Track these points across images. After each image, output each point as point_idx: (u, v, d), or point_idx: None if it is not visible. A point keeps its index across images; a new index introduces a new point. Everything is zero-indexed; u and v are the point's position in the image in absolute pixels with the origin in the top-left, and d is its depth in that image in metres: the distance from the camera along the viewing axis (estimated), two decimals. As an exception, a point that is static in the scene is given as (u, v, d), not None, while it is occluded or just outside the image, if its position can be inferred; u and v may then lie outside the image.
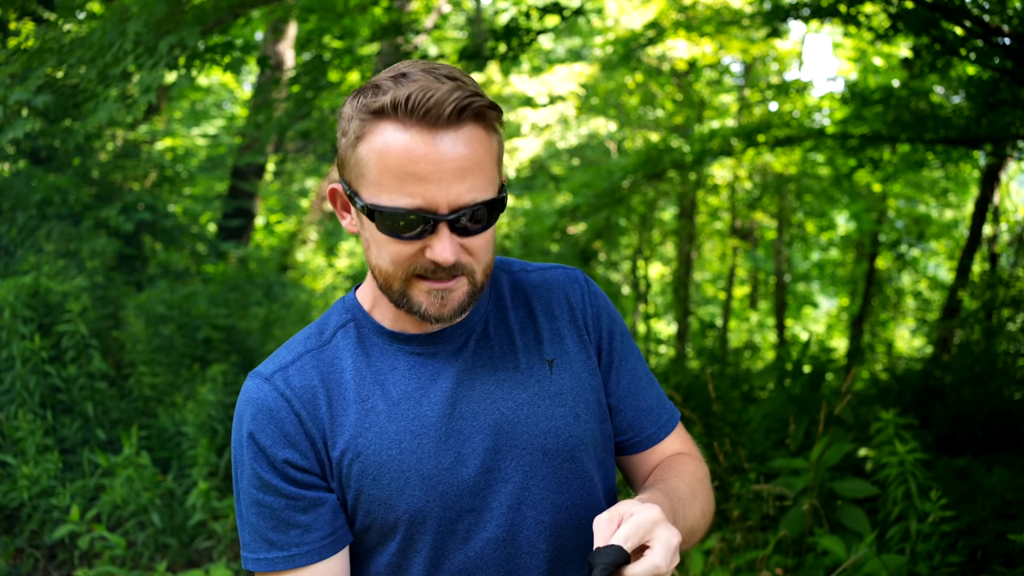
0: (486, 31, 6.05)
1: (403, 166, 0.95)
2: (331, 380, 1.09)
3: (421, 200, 0.96)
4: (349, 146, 1.00)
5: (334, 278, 9.45)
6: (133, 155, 7.99)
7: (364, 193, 0.99)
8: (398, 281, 1.03)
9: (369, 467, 1.06)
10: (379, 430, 1.07)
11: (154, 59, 3.29)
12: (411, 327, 1.12)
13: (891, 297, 11.42)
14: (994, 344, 5.97)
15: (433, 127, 0.95)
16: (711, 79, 11.18)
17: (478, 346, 1.13)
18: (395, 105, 0.95)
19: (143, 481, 3.68)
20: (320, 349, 1.11)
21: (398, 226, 0.97)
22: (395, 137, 0.95)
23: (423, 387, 1.09)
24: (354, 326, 1.13)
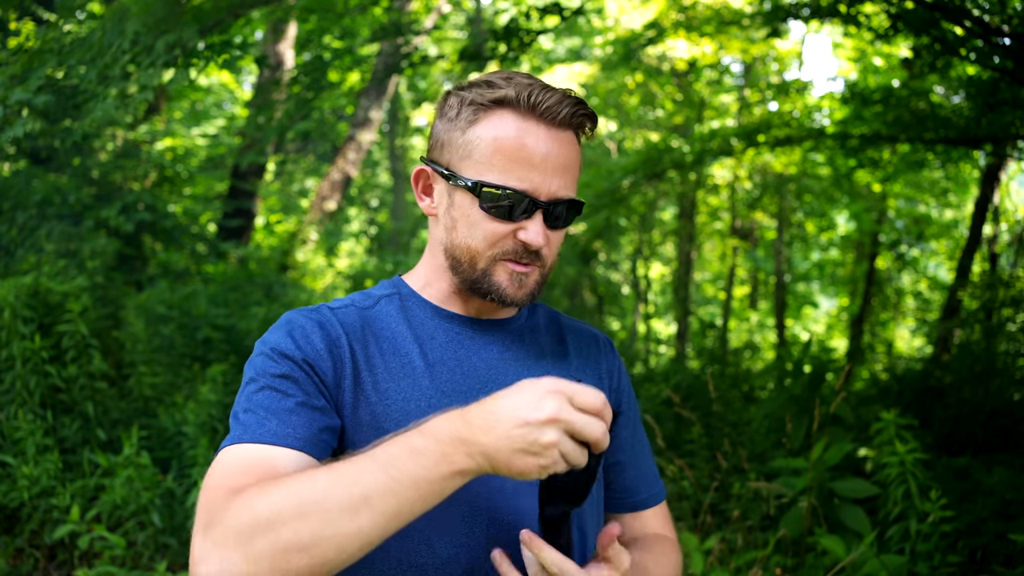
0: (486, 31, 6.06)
1: (517, 151, 1.06)
2: (371, 332, 1.13)
3: (528, 184, 1.06)
4: (456, 129, 1.10)
5: (334, 278, 9.45)
6: (133, 155, 7.99)
7: (469, 172, 1.09)
8: (484, 260, 1.10)
9: (393, 412, 1.08)
10: (413, 382, 1.10)
11: (152, 58, 3.30)
12: (458, 309, 1.18)
13: (891, 297, 11.42)
14: (994, 344, 5.97)
15: (548, 123, 1.07)
16: (711, 79, 11.17)
17: (513, 346, 1.19)
18: (518, 98, 1.06)
19: (143, 481, 3.68)
20: (364, 309, 1.17)
21: (502, 203, 1.06)
22: (513, 125, 1.07)
23: (459, 359, 1.14)
24: (398, 298, 1.19)
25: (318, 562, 0.84)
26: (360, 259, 11.55)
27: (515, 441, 0.85)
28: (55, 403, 4.21)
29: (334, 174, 10.12)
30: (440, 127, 1.14)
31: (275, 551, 0.83)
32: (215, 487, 0.92)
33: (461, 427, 0.87)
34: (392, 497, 0.85)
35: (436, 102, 1.19)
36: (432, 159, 1.15)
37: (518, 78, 1.09)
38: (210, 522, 0.87)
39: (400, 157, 15.75)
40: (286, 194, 14.76)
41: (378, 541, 0.86)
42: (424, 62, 5.97)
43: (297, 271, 9.33)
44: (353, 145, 10.08)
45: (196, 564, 0.85)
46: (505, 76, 1.09)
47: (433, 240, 1.19)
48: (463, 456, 0.86)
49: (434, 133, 1.15)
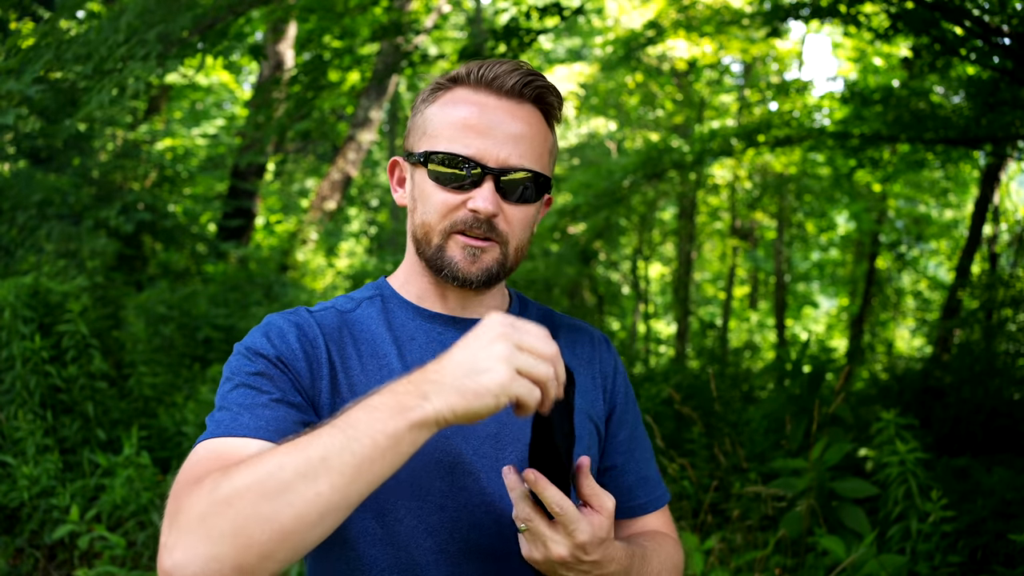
0: (486, 31, 6.05)
1: (464, 119, 1.07)
2: (349, 335, 1.13)
3: (474, 151, 1.06)
4: (417, 113, 1.13)
5: (334, 278, 9.45)
6: (133, 155, 7.99)
7: (422, 146, 1.10)
8: (437, 235, 1.09)
9: None
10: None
11: (145, 49, 3.30)
12: (438, 307, 1.17)
13: (891, 297, 11.42)
14: (994, 344, 5.97)
15: (498, 94, 1.08)
16: (711, 79, 11.17)
17: None
18: (468, 72, 1.09)
19: (143, 481, 3.68)
20: (346, 312, 1.16)
21: (448, 170, 1.07)
22: (463, 96, 1.09)
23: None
24: (380, 300, 1.18)
25: (279, 534, 0.80)
26: (360, 259, 11.55)
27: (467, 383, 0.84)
28: (55, 403, 4.21)
29: (334, 174, 10.12)
30: (411, 116, 1.16)
31: (235, 527, 0.80)
32: (182, 481, 0.90)
33: (416, 377, 0.86)
34: (349, 455, 0.81)
35: None
36: (404, 148, 1.16)
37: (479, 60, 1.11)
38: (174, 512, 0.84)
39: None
40: (286, 194, 14.75)
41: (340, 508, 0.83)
42: (424, 61, 5.97)
43: (297, 271, 9.33)
44: (353, 145, 10.08)
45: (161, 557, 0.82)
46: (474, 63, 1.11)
47: (407, 232, 1.18)
48: (418, 402, 0.83)
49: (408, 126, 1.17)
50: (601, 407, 1.23)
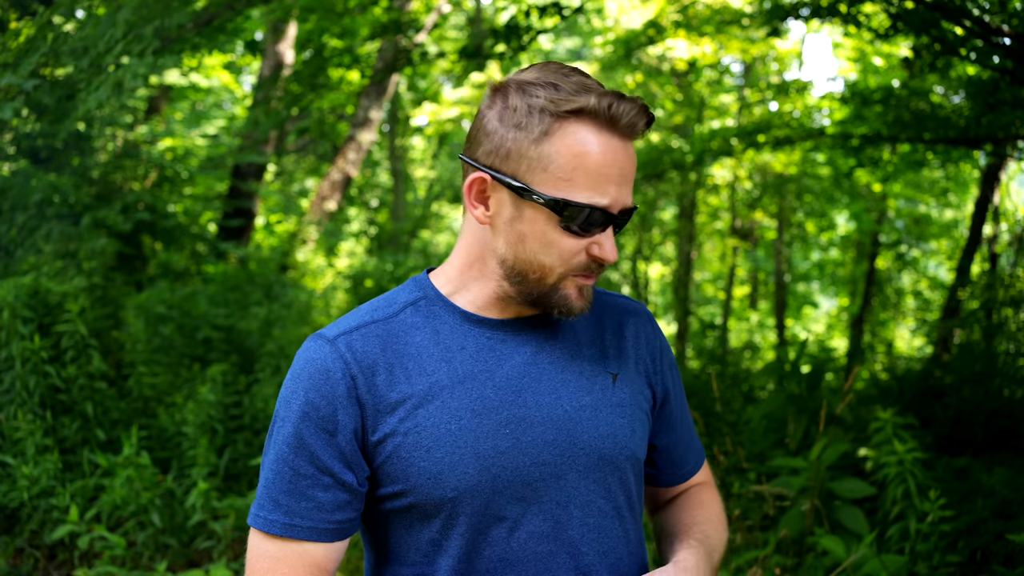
0: (486, 30, 6.06)
1: (598, 167, 1.02)
2: (395, 351, 1.09)
3: (607, 199, 1.03)
4: (527, 140, 1.03)
5: (334, 278, 9.45)
6: (133, 155, 7.99)
7: (545, 187, 1.03)
8: (555, 276, 1.06)
9: (424, 439, 1.05)
10: (440, 404, 1.06)
11: (142, 45, 3.30)
12: (491, 311, 1.13)
13: (891, 297, 11.42)
14: (994, 344, 5.97)
15: (624, 136, 1.04)
16: (711, 79, 11.17)
17: (548, 343, 1.14)
18: (597, 111, 1.02)
19: (143, 481, 3.68)
20: (387, 320, 1.11)
21: (584, 222, 1.03)
22: (593, 139, 1.02)
23: (490, 369, 1.09)
24: (425, 304, 1.14)
25: None
26: (360, 259, 11.55)
27: None
28: (55, 403, 4.21)
29: (334, 174, 10.12)
30: (502, 132, 1.05)
31: None
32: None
33: None
34: None
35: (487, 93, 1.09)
36: (493, 167, 1.06)
37: (585, 81, 1.04)
38: None
39: (400, 157, 15.74)
40: (286, 194, 14.75)
41: None
42: (424, 60, 5.97)
43: (297, 271, 9.33)
44: (353, 145, 10.08)
45: None
46: (573, 79, 1.04)
47: (482, 249, 1.11)
48: None
49: (493, 135, 1.06)
50: (649, 394, 1.22)
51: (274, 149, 10.17)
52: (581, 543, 1.10)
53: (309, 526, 1.05)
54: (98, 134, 7.60)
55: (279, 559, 1.05)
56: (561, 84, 1.03)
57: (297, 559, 1.05)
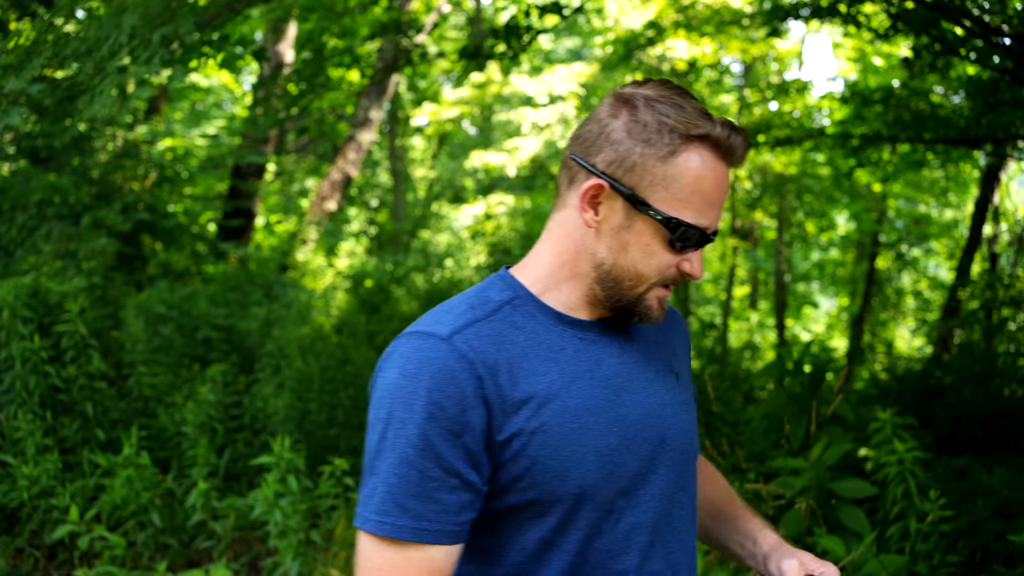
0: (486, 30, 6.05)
1: (711, 192, 1.09)
2: (507, 350, 1.09)
3: (707, 221, 1.10)
4: (654, 156, 1.07)
5: (334, 278, 9.45)
6: (133, 155, 7.99)
7: (662, 205, 1.08)
8: (645, 286, 1.13)
9: (551, 438, 1.07)
10: (561, 404, 1.09)
11: (149, 52, 3.29)
12: (581, 313, 1.17)
13: (891, 297, 11.42)
14: (994, 344, 5.97)
15: (731, 164, 1.11)
16: (711, 79, 11.17)
17: (629, 345, 1.20)
18: (717, 140, 1.08)
19: (143, 481, 3.68)
20: (488, 319, 1.11)
21: (687, 240, 1.10)
22: (711, 165, 1.09)
23: (591, 369, 1.13)
24: (519, 303, 1.14)
25: None
26: (360, 259, 11.55)
27: None
28: (55, 403, 4.21)
29: (334, 174, 10.12)
30: (629, 144, 1.08)
31: None
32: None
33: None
34: None
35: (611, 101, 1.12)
36: (614, 177, 1.09)
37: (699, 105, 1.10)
38: None
39: (400, 157, 15.74)
40: (286, 194, 14.75)
41: None
42: (424, 60, 5.97)
43: (297, 271, 9.33)
44: (353, 145, 10.08)
45: None
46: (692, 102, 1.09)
47: (577, 250, 1.14)
48: None
49: (618, 146, 1.09)
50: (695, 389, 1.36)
51: (274, 149, 10.17)
52: (667, 533, 1.18)
53: (437, 529, 1.04)
54: (98, 134, 7.60)
55: (406, 565, 1.04)
56: (684, 106, 1.09)
57: (423, 564, 1.04)
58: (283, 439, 3.55)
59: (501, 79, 11.22)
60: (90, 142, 7.40)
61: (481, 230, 11.70)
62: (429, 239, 13.67)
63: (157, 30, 3.33)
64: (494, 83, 11.21)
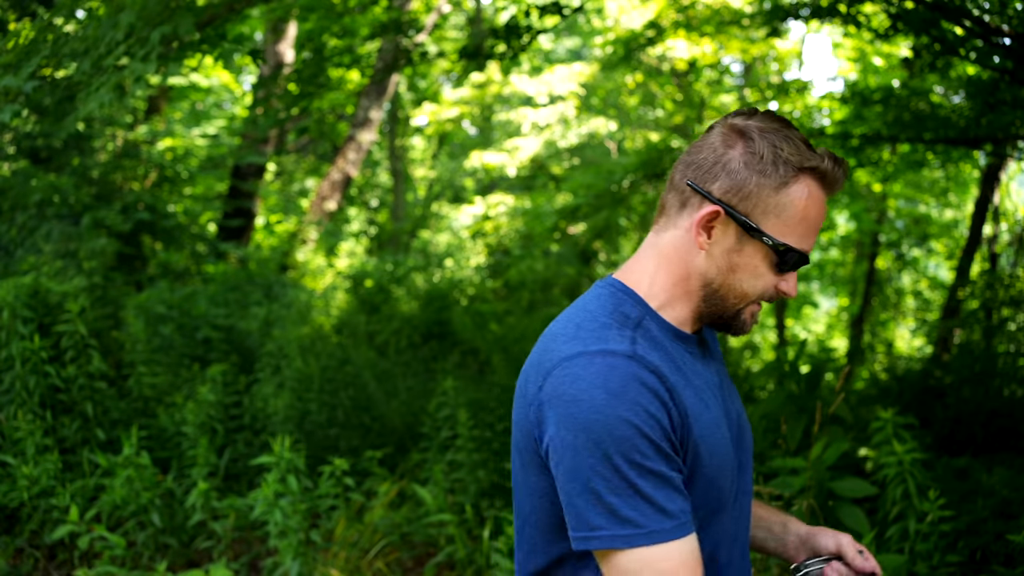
0: (486, 30, 6.06)
1: (815, 220, 1.18)
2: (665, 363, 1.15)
3: (809, 246, 1.19)
4: (768, 187, 1.15)
5: (334, 278, 9.45)
6: (133, 155, 7.99)
7: (773, 231, 1.17)
8: (746, 303, 1.21)
9: (707, 445, 1.16)
10: (709, 415, 1.18)
11: (146, 49, 3.28)
12: (686, 327, 1.25)
13: (891, 297, 11.42)
14: (994, 344, 5.97)
15: (831, 194, 1.20)
16: (711, 79, 11.17)
17: (711, 358, 1.31)
18: (826, 172, 1.17)
19: (143, 481, 3.68)
20: (635, 331, 1.17)
21: (790, 264, 1.18)
22: (818, 196, 1.17)
23: (706, 380, 1.23)
24: (648, 319, 1.21)
25: None
26: (360, 259, 11.55)
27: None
28: (55, 403, 4.21)
29: (334, 174, 10.12)
30: (745, 174, 1.15)
31: None
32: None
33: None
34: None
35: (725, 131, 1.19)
36: (730, 204, 1.16)
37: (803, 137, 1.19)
38: None
39: (400, 157, 15.74)
40: (286, 194, 14.75)
41: None
42: (424, 60, 5.96)
43: (297, 271, 9.33)
44: (353, 145, 10.08)
45: None
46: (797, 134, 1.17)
47: (687, 270, 1.20)
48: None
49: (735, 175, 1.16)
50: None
51: (274, 149, 10.18)
52: (741, 532, 1.29)
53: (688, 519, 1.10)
54: (98, 134, 7.60)
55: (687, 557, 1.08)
56: (793, 138, 1.17)
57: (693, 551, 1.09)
58: (283, 439, 3.55)
59: (501, 79, 11.22)
60: (90, 142, 7.40)
61: (481, 230, 11.70)
62: (429, 239, 13.67)
63: (156, 28, 3.33)
64: (494, 83, 11.21)
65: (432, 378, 5.95)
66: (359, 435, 4.91)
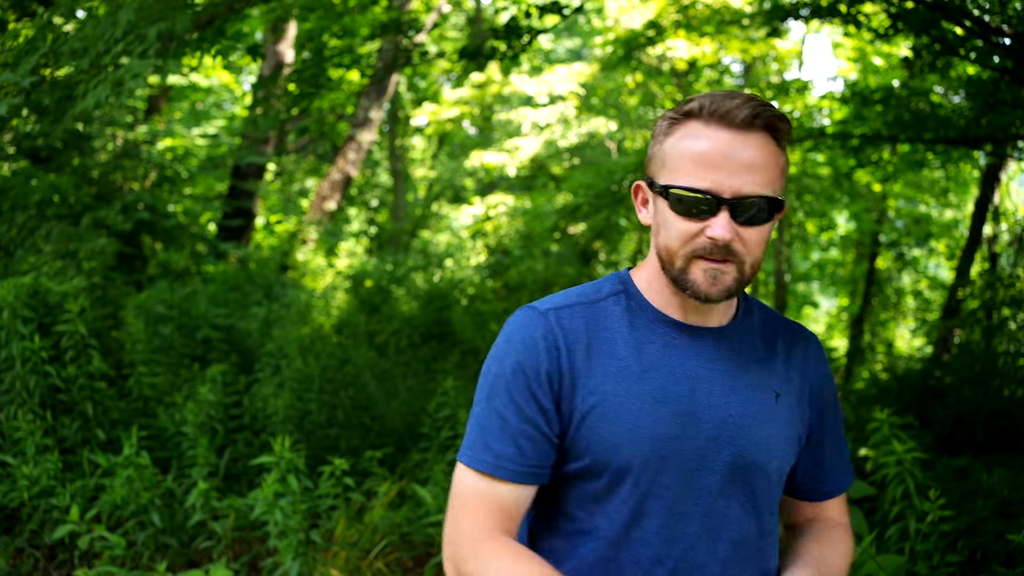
0: (486, 30, 6.06)
1: (700, 155, 1.16)
2: (595, 332, 1.25)
3: (710, 183, 1.16)
4: (656, 144, 1.24)
5: (334, 278, 9.45)
6: (133, 155, 7.99)
7: (662, 178, 1.21)
8: (680, 259, 1.20)
9: (609, 412, 1.21)
10: (628, 386, 1.22)
11: (144, 46, 3.29)
12: (676, 314, 1.28)
13: (891, 297, 11.42)
14: (994, 344, 5.97)
15: (729, 127, 1.16)
16: (711, 79, 11.17)
17: (724, 353, 1.28)
18: (700, 108, 1.18)
19: (143, 481, 3.68)
20: (592, 304, 1.29)
21: (687, 203, 1.17)
22: (697, 131, 1.18)
23: (672, 365, 1.25)
24: (624, 297, 1.30)
25: None
26: (360, 259, 11.55)
27: None
28: (55, 403, 4.20)
29: (334, 174, 10.12)
30: (650, 144, 1.27)
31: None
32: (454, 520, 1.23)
33: None
34: None
35: None
36: (645, 172, 1.27)
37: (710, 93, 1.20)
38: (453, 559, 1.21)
39: (400, 157, 15.74)
40: (286, 194, 14.75)
41: None
42: (424, 60, 5.96)
43: (297, 271, 9.33)
44: (353, 145, 10.08)
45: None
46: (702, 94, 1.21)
47: (652, 246, 1.28)
48: None
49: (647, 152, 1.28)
50: (806, 416, 1.34)
51: (274, 149, 10.18)
52: (721, 531, 1.25)
53: (511, 468, 1.21)
54: (98, 134, 7.60)
55: (478, 493, 1.22)
56: (690, 98, 1.21)
57: (491, 497, 1.22)
58: (283, 439, 3.55)
59: (501, 79, 11.22)
60: (90, 142, 7.40)
61: (481, 230, 11.70)
62: (429, 239, 13.67)
63: (153, 25, 3.33)
64: (494, 83, 11.21)
65: (432, 378, 5.95)
66: (359, 435, 4.91)
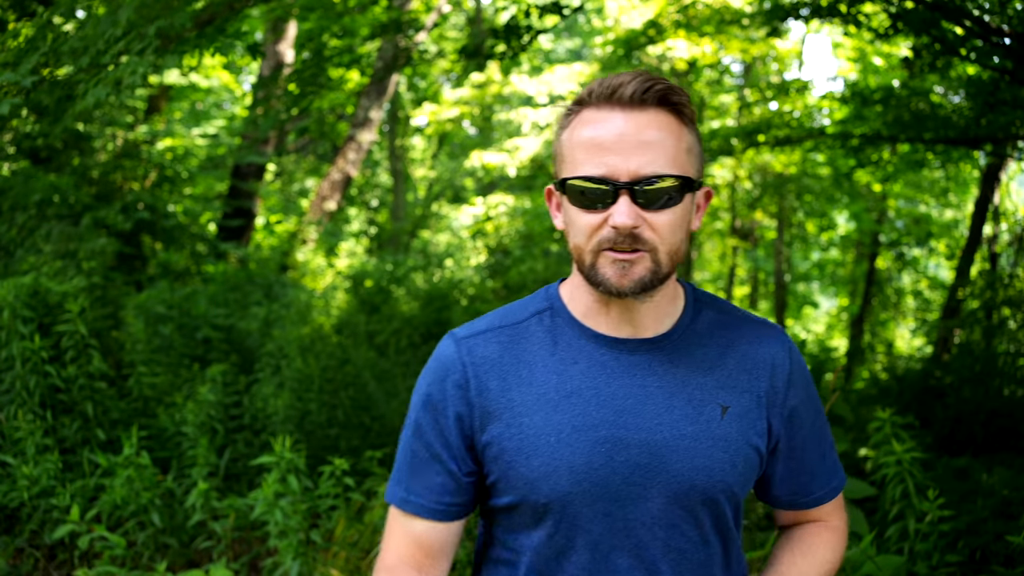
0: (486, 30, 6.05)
1: (591, 139, 1.09)
2: (512, 357, 1.17)
3: (606, 169, 1.07)
4: (556, 140, 1.17)
5: (334, 278, 9.45)
6: (133, 155, 7.99)
7: (561, 173, 1.13)
8: (588, 254, 1.11)
9: (526, 446, 1.13)
10: (544, 416, 1.13)
11: (143, 44, 3.29)
12: (603, 326, 1.17)
13: (891, 297, 11.42)
14: (994, 344, 5.97)
15: (620, 107, 1.08)
16: (711, 79, 11.17)
17: (661, 368, 1.16)
18: (590, 92, 1.11)
19: (143, 481, 3.68)
20: (513, 327, 1.20)
21: (588, 195, 1.08)
22: (588, 117, 1.10)
23: (597, 387, 1.14)
24: (550, 315, 1.21)
25: None
26: (360, 259, 11.55)
27: None
28: (55, 403, 4.21)
29: (334, 174, 10.12)
30: (552, 145, 1.20)
31: None
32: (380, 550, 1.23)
33: None
34: None
35: None
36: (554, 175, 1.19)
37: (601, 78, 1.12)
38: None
39: (400, 157, 15.74)
40: (286, 194, 14.75)
41: None
42: (424, 60, 5.97)
43: (297, 271, 9.33)
44: (353, 145, 10.08)
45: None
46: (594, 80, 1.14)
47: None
48: None
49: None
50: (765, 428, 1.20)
51: (274, 149, 10.18)
52: (661, 563, 1.15)
53: (419, 503, 1.18)
54: (98, 134, 7.60)
55: (396, 527, 1.22)
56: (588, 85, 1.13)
57: (405, 531, 1.20)
58: (283, 439, 3.55)
59: (501, 79, 11.22)
60: (90, 142, 7.40)
61: (481, 230, 11.71)
62: (429, 239, 13.67)
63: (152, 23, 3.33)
64: (494, 83, 11.21)
65: (432, 378, 5.94)
66: (359, 435, 4.92)
